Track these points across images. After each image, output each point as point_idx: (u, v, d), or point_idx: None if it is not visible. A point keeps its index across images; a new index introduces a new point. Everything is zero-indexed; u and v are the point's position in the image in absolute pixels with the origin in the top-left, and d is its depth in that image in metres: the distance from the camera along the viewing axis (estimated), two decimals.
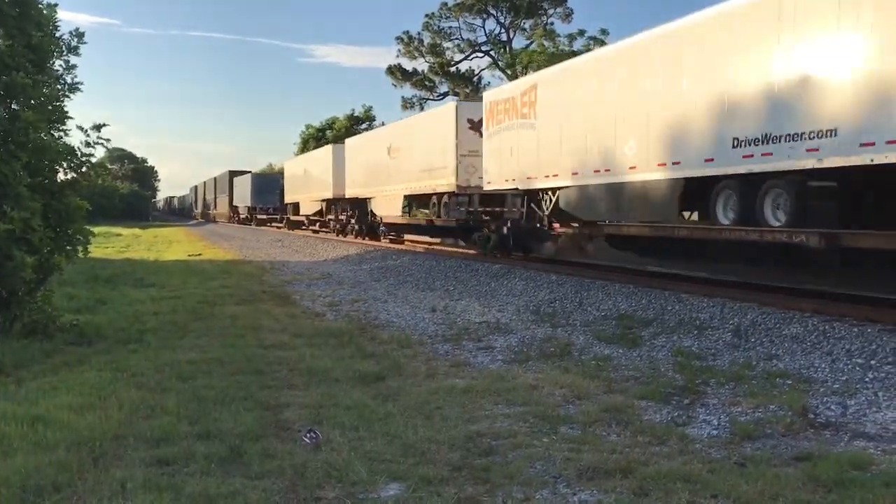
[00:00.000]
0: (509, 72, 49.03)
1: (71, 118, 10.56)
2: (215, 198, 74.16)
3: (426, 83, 54.86)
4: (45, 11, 10.22)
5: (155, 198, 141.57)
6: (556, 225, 16.22)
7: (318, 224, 39.97)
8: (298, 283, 17.63)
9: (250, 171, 62.93)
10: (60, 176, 10.61)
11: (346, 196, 32.55)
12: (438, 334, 10.37)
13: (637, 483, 4.67)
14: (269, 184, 55.17)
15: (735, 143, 10.68)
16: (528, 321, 11.09)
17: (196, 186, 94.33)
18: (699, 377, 7.41)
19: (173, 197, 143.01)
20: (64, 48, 10.53)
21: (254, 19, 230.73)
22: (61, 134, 10.51)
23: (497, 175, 18.11)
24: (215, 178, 74.70)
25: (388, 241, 28.12)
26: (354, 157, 31.73)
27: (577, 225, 15.67)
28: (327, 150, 36.66)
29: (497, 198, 19.68)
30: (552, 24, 50.75)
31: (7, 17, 9.60)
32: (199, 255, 28.20)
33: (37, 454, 5.17)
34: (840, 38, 9.13)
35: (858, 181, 9.79)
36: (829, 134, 9.30)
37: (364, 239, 30.29)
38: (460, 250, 22.03)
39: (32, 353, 8.88)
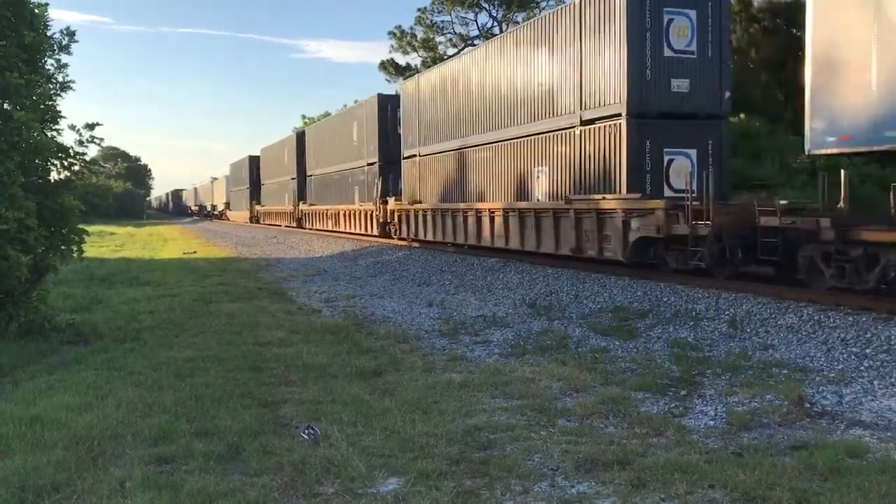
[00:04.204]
0: None
1: (63, 117, 10.55)
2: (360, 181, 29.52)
3: None
4: (36, 11, 10.18)
5: (149, 196, 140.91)
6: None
7: None
8: (294, 279, 17.62)
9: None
10: (54, 175, 10.60)
11: None
12: (435, 329, 10.38)
13: (635, 474, 4.69)
14: None
15: None
16: (524, 315, 11.11)
17: (249, 159, 54.93)
18: (695, 368, 7.44)
19: (180, 190, 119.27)
20: (56, 47, 10.50)
21: (245, 15, 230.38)
22: (54, 133, 10.48)
23: None
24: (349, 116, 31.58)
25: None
26: None
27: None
28: None
29: None
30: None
31: (0, 18, 9.56)
32: (195, 252, 28.14)
33: (35, 454, 5.18)
34: None
35: None
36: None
37: None
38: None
39: (29, 352, 8.87)
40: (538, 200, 15.82)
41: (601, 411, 6.14)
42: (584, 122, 14.36)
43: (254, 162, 54.17)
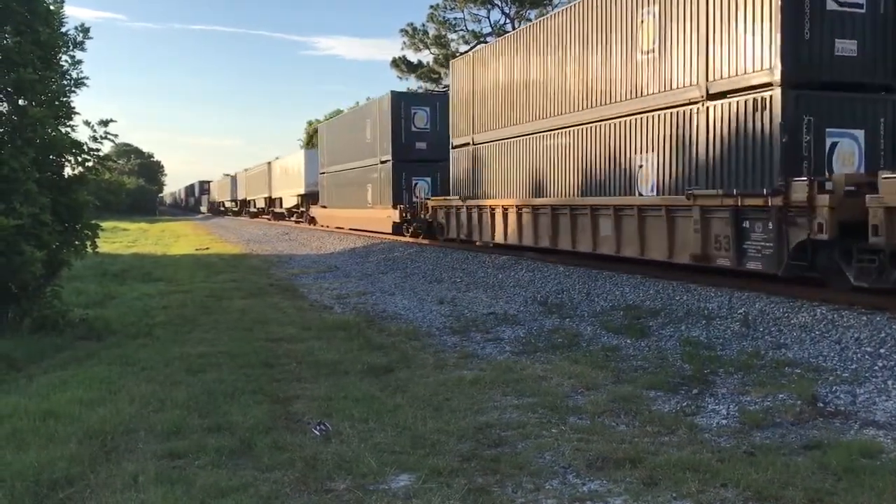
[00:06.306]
0: None
1: (77, 113, 10.64)
2: None
3: (431, 75, 54.67)
4: (51, 7, 10.25)
5: (161, 192, 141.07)
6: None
7: None
8: (305, 276, 17.67)
9: None
10: (68, 171, 10.67)
11: None
12: (446, 326, 10.38)
13: (646, 473, 4.68)
14: None
15: None
16: (535, 312, 11.10)
17: (393, 101, 25.54)
18: (707, 367, 7.40)
19: (205, 182, 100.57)
20: (70, 44, 10.57)
21: (256, 12, 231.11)
22: (68, 129, 10.56)
23: None
24: None
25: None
26: None
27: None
28: None
29: None
30: None
31: (16, 14, 9.63)
32: (207, 249, 28.27)
33: (49, 448, 5.21)
34: None
35: None
36: None
37: None
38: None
39: (42, 348, 8.93)
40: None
41: (613, 409, 6.13)
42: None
43: (401, 107, 25.86)
